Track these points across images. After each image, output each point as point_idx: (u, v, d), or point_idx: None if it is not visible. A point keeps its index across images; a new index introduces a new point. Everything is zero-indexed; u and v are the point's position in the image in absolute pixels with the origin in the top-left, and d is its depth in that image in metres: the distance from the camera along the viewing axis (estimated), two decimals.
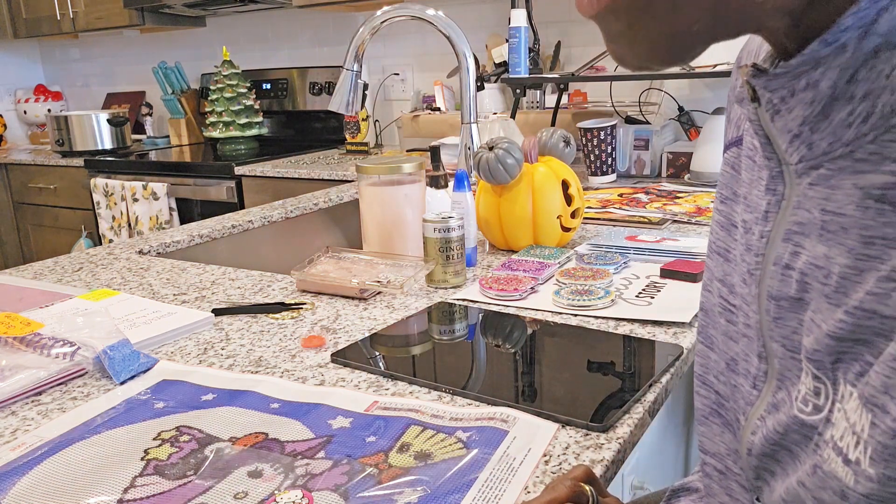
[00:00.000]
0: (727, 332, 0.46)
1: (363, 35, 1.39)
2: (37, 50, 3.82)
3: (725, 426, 0.47)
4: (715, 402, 0.48)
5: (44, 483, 0.54)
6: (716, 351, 0.48)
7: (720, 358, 0.47)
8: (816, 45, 0.33)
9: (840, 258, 0.34)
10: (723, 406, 0.47)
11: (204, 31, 3.22)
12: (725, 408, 0.47)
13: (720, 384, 0.47)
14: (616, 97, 2.05)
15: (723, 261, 0.47)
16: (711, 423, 0.48)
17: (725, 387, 0.46)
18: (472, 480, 0.51)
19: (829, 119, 0.34)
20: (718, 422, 0.48)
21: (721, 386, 0.47)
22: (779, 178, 0.39)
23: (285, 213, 1.55)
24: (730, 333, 0.45)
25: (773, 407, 0.40)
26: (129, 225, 2.57)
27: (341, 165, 2.25)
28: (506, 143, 1.06)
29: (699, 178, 1.63)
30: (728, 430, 0.47)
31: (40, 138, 3.61)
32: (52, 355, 0.74)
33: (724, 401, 0.47)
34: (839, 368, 0.35)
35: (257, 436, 0.59)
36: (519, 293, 0.90)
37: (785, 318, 0.39)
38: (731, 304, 0.45)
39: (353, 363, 0.73)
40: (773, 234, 0.39)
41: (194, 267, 1.14)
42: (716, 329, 0.47)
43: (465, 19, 2.53)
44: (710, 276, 0.49)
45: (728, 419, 0.47)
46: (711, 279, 0.48)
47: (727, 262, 0.46)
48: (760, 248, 0.40)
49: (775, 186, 0.39)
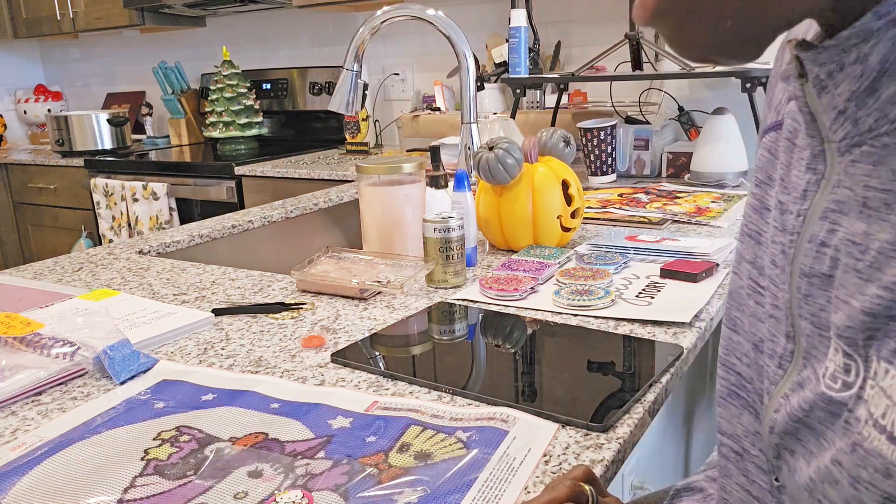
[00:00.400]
0: (755, 314, 0.46)
1: (363, 35, 1.39)
2: (37, 50, 3.82)
3: (744, 407, 0.47)
4: (735, 383, 0.48)
5: (44, 483, 0.54)
6: (740, 333, 0.48)
7: (745, 340, 0.47)
8: (869, 17, 0.33)
9: (882, 234, 0.35)
10: (744, 388, 0.47)
11: (204, 31, 3.22)
12: (747, 389, 0.47)
13: (742, 366, 0.47)
14: (616, 97, 2.04)
15: (754, 243, 0.47)
16: (730, 405, 0.49)
17: (749, 368, 0.47)
18: (472, 480, 0.51)
19: (876, 95, 0.35)
20: (737, 403, 0.48)
21: (743, 367, 0.47)
22: (820, 156, 0.39)
23: (285, 213, 1.55)
24: (757, 315, 0.46)
25: (798, 385, 0.40)
26: (129, 225, 2.57)
27: (341, 165, 2.25)
28: (506, 143, 1.06)
29: (699, 178, 1.63)
30: (747, 412, 0.47)
31: (40, 138, 3.61)
32: (52, 355, 0.74)
33: (745, 382, 0.47)
34: (872, 345, 0.35)
35: (257, 436, 0.59)
36: (519, 293, 0.90)
37: (814, 296, 0.39)
38: (760, 285, 0.46)
39: (353, 363, 0.73)
40: (811, 213, 0.40)
41: (194, 267, 1.14)
42: (741, 311, 0.48)
43: (465, 19, 2.53)
44: (739, 258, 0.49)
45: (748, 401, 0.47)
46: (741, 261, 0.49)
47: (758, 244, 0.46)
48: (796, 227, 0.41)
49: (816, 165, 0.40)
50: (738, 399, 0.48)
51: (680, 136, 1.93)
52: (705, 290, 0.90)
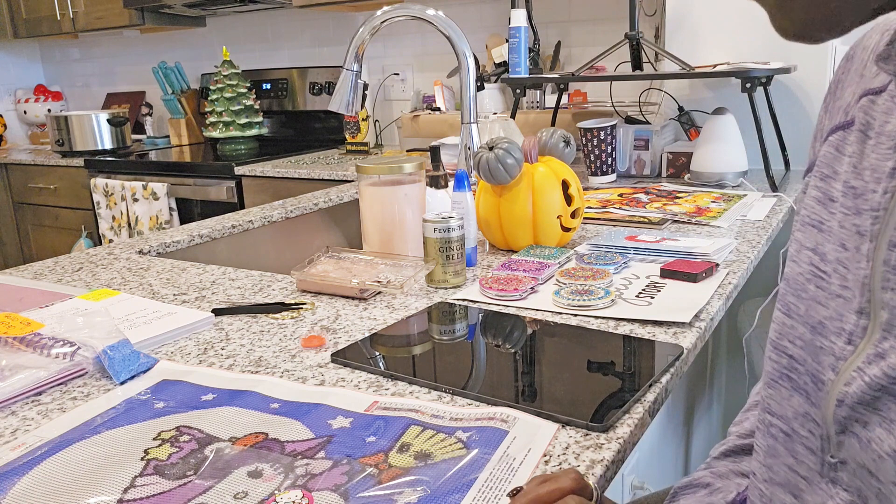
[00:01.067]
0: (815, 297, 0.48)
1: (363, 35, 1.39)
2: (37, 50, 3.82)
3: (795, 390, 0.49)
4: (787, 365, 0.50)
5: (44, 483, 0.54)
6: (794, 317, 0.49)
7: (799, 323, 0.49)
8: None
9: None
10: (795, 370, 0.49)
11: (204, 31, 3.22)
12: (798, 372, 0.48)
13: (795, 349, 0.49)
14: (616, 97, 2.04)
15: (816, 231, 0.49)
16: (781, 387, 0.50)
17: (803, 351, 0.48)
18: (472, 480, 0.51)
19: None
20: (788, 385, 0.49)
21: (796, 350, 0.49)
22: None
23: (285, 213, 1.56)
24: (818, 298, 0.47)
25: (878, 357, 0.41)
26: (129, 225, 2.57)
27: (341, 165, 2.25)
28: (506, 143, 1.06)
29: (699, 178, 1.63)
30: (798, 394, 0.48)
31: (40, 138, 3.61)
32: (52, 355, 0.74)
33: (797, 364, 0.49)
34: None
35: (257, 436, 0.59)
36: (519, 293, 0.90)
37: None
38: (823, 270, 0.47)
39: (353, 363, 0.73)
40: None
41: (194, 267, 1.14)
42: (798, 297, 0.49)
43: (465, 19, 2.53)
44: (798, 247, 0.51)
45: (799, 383, 0.48)
46: (800, 249, 0.51)
47: (820, 232, 0.48)
48: (883, 203, 0.43)
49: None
50: (788, 381, 0.49)
51: (680, 136, 1.93)
52: (705, 290, 0.90)
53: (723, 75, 1.55)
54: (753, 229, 1.21)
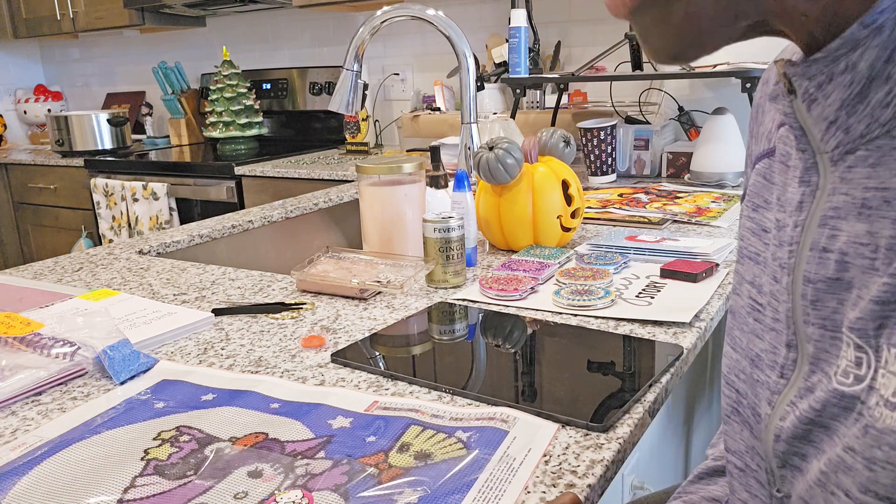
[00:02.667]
0: (753, 331, 0.47)
1: (363, 35, 1.39)
2: (37, 50, 3.82)
3: (743, 423, 0.49)
4: (735, 400, 0.50)
5: (44, 483, 0.54)
6: (738, 351, 0.50)
7: (742, 357, 0.49)
8: (855, 28, 0.35)
9: (885, 230, 0.36)
10: (741, 404, 0.49)
11: (204, 31, 3.22)
12: (743, 405, 0.48)
13: (740, 382, 0.49)
14: (616, 97, 2.04)
15: (753, 264, 0.49)
16: (732, 422, 0.50)
17: (745, 384, 0.48)
18: (472, 481, 0.51)
19: (866, 101, 0.36)
20: (738, 420, 0.49)
21: (741, 384, 0.49)
22: (813, 168, 0.41)
23: (285, 213, 1.56)
24: (756, 331, 0.47)
25: (807, 391, 0.41)
26: (129, 225, 2.57)
27: (341, 165, 2.25)
28: (506, 143, 1.06)
29: (699, 178, 1.63)
30: (745, 428, 0.48)
31: (40, 138, 3.61)
32: (52, 355, 0.74)
33: (742, 398, 0.49)
34: (882, 334, 0.36)
35: (257, 436, 0.59)
36: (519, 293, 0.90)
37: (823, 300, 0.40)
38: (759, 303, 0.47)
39: (353, 363, 0.73)
40: (809, 222, 0.41)
41: (194, 267, 1.14)
42: (741, 330, 0.49)
43: (465, 19, 2.53)
44: (739, 279, 0.51)
45: (745, 416, 0.48)
46: (741, 282, 0.50)
47: (757, 264, 0.48)
48: (795, 237, 0.42)
49: (809, 178, 0.41)
50: (738, 416, 0.49)
51: (680, 136, 1.93)
52: (705, 290, 0.90)
53: (723, 75, 1.56)
54: None
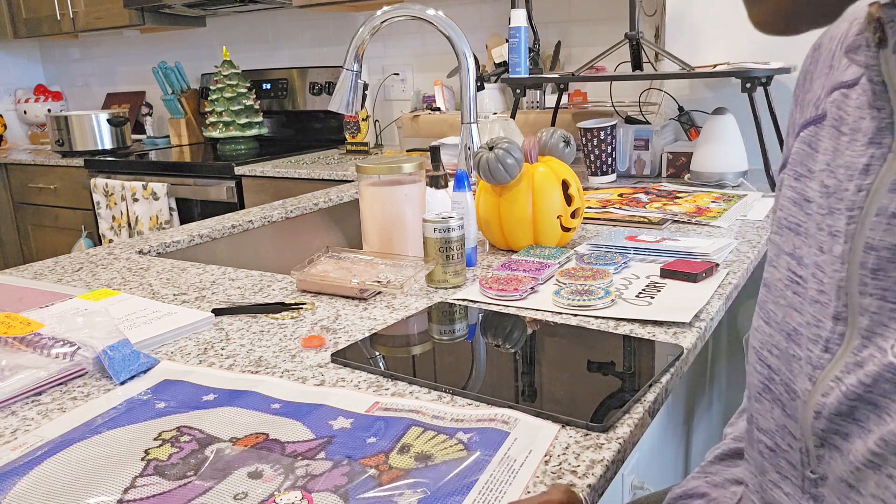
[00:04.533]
0: (791, 304, 0.45)
1: (363, 35, 1.39)
2: (37, 50, 3.82)
3: (774, 402, 0.47)
4: (767, 377, 0.48)
5: (44, 483, 0.54)
6: (771, 325, 0.47)
7: (776, 332, 0.47)
8: None
9: None
10: (773, 381, 0.47)
11: (204, 31, 3.22)
12: (775, 382, 0.46)
13: (773, 358, 0.47)
14: (616, 97, 2.04)
15: (793, 234, 0.47)
16: (763, 400, 0.48)
17: (779, 360, 0.46)
18: (472, 482, 0.51)
19: None
20: (769, 397, 0.47)
21: (774, 360, 0.47)
22: (887, 129, 0.39)
23: (285, 213, 1.55)
24: (794, 305, 0.45)
25: (856, 365, 0.39)
26: (129, 225, 2.57)
27: (341, 165, 2.25)
28: (506, 143, 1.06)
29: (699, 178, 1.63)
30: (776, 406, 0.46)
31: (40, 138, 3.61)
32: (52, 355, 0.74)
33: (774, 375, 0.47)
34: None
35: (258, 436, 0.59)
36: (519, 293, 0.90)
37: (886, 269, 0.38)
38: (799, 275, 0.45)
39: (353, 363, 0.73)
40: (876, 187, 0.39)
41: (194, 267, 1.14)
42: (777, 303, 0.47)
43: (465, 19, 2.53)
44: (777, 251, 0.49)
45: (776, 394, 0.46)
46: (779, 254, 0.48)
47: (797, 235, 0.46)
48: (858, 202, 0.40)
49: (881, 139, 0.39)
50: (769, 393, 0.47)
51: (680, 136, 1.93)
52: (705, 290, 0.90)
53: (723, 75, 1.55)
54: (753, 229, 1.21)
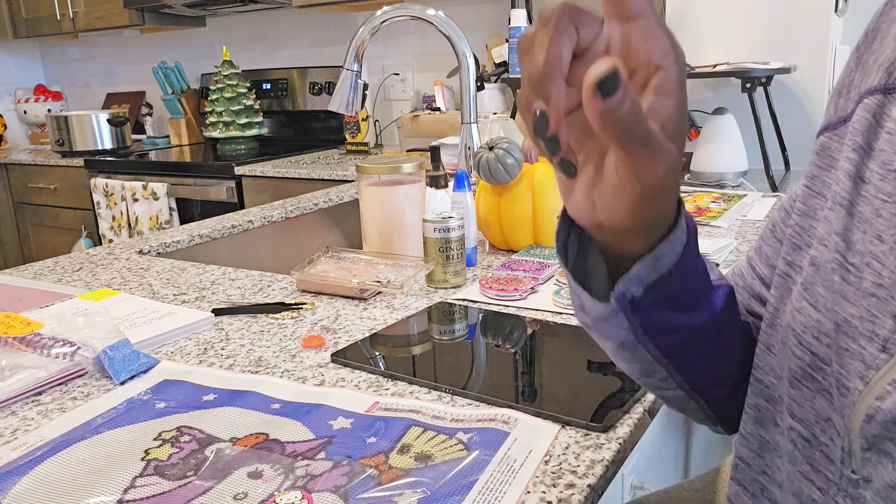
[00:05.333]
0: (841, 292, 0.41)
1: (363, 35, 1.39)
2: (37, 50, 3.82)
3: (819, 392, 0.43)
4: (809, 363, 0.44)
5: (44, 483, 0.54)
6: (820, 310, 0.43)
7: (825, 318, 0.43)
8: None
9: None
10: (820, 370, 0.43)
11: (204, 31, 3.22)
12: (824, 372, 0.43)
13: (820, 346, 0.43)
14: None
15: (845, 213, 0.42)
16: (803, 387, 0.44)
17: (827, 349, 0.42)
18: (472, 482, 0.51)
19: None
20: (811, 386, 0.44)
21: (821, 348, 0.43)
22: None
23: (285, 213, 1.55)
24: (845, 293, 0.41)
25: None
26: (129, 225, 2.57)
27: (341, 165, 2.25)
28: (506, 143, 1.06)
29: (699, 178, 1.63)
30: (822, 396, 0.43)
31: (40, 138, 3.61)
32: (52, 355, 0.74)
33: (822, 364, 0.43)
34: None
35: (258, 436, 0.59)
36: (519, 293, 0.90)
37: None
38: (850, 262, 0.41)
39: (353, 363, 0.73)
40: None
41: (194, 267, 1.14)
42: (826, 287, 0.43)
43: (465, 19, 2.53)
44: (828, 229, 0.44)
45: (823, 385, 0.43)
46: (830, 232, 0.44)
47: (850, 216, 0.42)
48: None
49: None
50: (811, 382, 0.44)
51: None
52: None
53: (723, 75, 1.55)
54: (753, 229, 1.21)
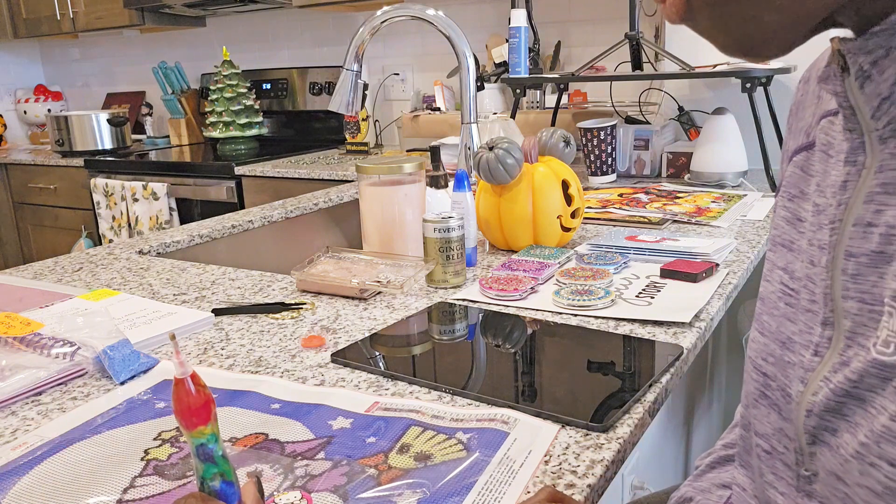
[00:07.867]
0: (785, 314, 0.49)
1: (363, 35, 1.39)
2: (37, 50, 3.82)
3: (771, 406, 0.50)
4: (763, 384, 0.51)
5: (44, 483, 0.54)
6: (767, 335, 0.51)
7: (771, 341, 0.50)
8: None
9: None
10: (769, 387, 0.50)
11: (204, 31, 3.22)
12: (771, 388, 0.50)
13: (769, 366, 0.50)
14: (616, 97, 2.04)
15: (786, 251, 0.51)
16: (760, 406, 0.51)
17: (774, 367, 0.49)
18: (471, 483, 0.51)
19: None
20: (765, 403, 0.50)
21: (769, 367, 0.50)
22: (860, 149, 0.43)
23: (285, 213, 1.55)
24: (787, 315, 0.49)
25: (842, 364, 0.42)
26: (129, 225, 2.57)
27: (341, 165, 2.25)
28: (506, 143, 1.06)
29: (699, 178, 1.63)
30: (773, 411, 0.49)
31: (40, 138, 3.61)
32: (52, 355, 0.74)
33: (770, 381, 0.50)
34: None
35: (257, 436, 0.59)
36: (519, 293, 0.90)
37: (864, 274, 0.41)
38: (791, 288, 0.49)
39: (353, 363, 0.73)
40: (853, 200, 0.43)
41: (194, 267, 1.14)
42: (771, 315, 0.51)
43: (465, 19, 2.53)
44: (770, 266, 0.53)
45: (773, 399, 0.49)
46: (773, 269, 0.52)
47: (790, 251, 0.50)
48: (838, 215, 0.44)
49: (856, 158, 0.43)
50: (765, 399, 0.50)
51: (680, 136, 1.93)
52: (705, 290, 0.90)
53: (723, 75, 1.55)
54: (753, 229, 1.21)
